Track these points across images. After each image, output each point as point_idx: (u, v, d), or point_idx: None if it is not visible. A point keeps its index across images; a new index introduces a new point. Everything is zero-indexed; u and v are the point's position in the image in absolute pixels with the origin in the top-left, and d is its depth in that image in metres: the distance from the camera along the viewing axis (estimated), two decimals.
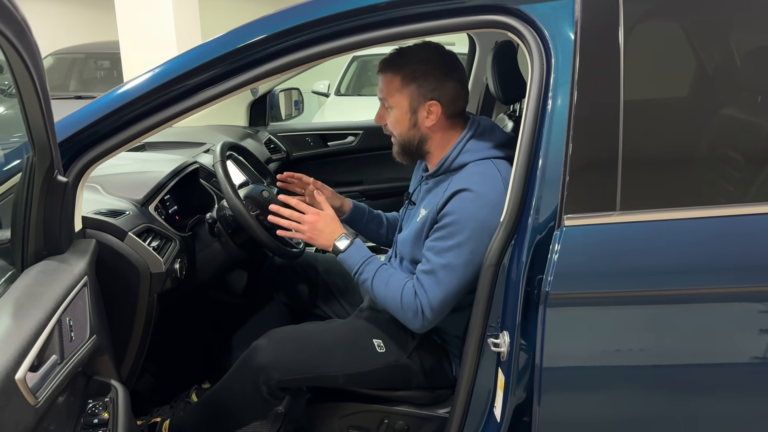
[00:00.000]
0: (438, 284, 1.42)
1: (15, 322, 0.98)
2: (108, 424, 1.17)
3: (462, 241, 1.40)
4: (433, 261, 1.43)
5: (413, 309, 1.45)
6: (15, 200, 1.19)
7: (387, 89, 1.52)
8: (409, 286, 1.47)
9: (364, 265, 1.53)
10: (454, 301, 1.45)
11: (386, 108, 1.55)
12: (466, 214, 1.41)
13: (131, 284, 1.53)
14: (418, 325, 1.46)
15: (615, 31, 1.18)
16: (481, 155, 1.48)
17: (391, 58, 1.53)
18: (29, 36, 0.94)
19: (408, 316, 1.46)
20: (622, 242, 1.19)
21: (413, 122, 1.52)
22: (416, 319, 1.46)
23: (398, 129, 1.54)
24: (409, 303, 1.46)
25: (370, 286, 1.52)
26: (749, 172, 1.23)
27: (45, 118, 1.06)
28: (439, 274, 1.42)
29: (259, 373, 1.53)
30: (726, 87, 1.30)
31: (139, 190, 1.73)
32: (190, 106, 1.32)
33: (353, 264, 1.53)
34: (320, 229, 1.56)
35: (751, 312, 1.19)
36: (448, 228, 1.42)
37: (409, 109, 1.51)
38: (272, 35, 1.28)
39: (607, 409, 1.27)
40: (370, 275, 1.51)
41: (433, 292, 1.43)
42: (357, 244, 1.55)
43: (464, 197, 1.42)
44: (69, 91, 6.81)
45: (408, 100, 1.50)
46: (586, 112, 1.18)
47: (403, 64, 1.49)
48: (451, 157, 1.51)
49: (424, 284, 1.44)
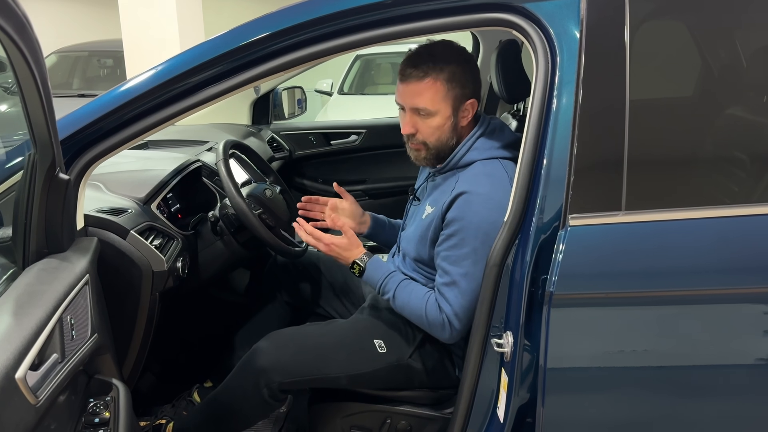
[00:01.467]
0: (461, 294, 1.42)
1: (16, 321, 0.97)
2: (109, 423, 1.17)
3: (477, 247, 1.39)
4: (452, 272, 1.43)
5: (440, 323, 1.45)
6: (16, 198, 1.18)
7: (426, 96, 1.44)
8: (432, 300, 1.47)
9: (385, 283, 1.53)
10: (471, 314, 1.43)
11: (422, 116, 1.47)
12: (477, 219, 1.40)
13: (133, 283, 1.52)
14: (447, 336, 1.46)
15: (621, 29, 1.17)
16: (489, 154, 1.47)
17: (423, 62, 1.44)
18: (30, 32, 0.93)
19: (436, 329, 1.47)
20: (627, 242, 1.18)
21: (453, 125, 1.48)
22: (444, 331, 1.46)
23: (437, 135, 1.48)
24: (435, 317, 1.45)
25: (393, 303, 1.53)
26: (756, 172, 1.23)
27: (46, 115, 1.06)
28: (461, 284, 1.42)
29: (260, 376, 1.52)
30: (732, 86, 1.29)
31: (142, 188, 1.73)
32: (193, 103, 1.31)
33: (373, 282, 1.55)
34: (342, 248, 1.56)
35: (758, 314, 1.18)
36: (459, 235, 1.42)
37: (451, 113, 1.47)
38: (275, 33, 1.28)
39: (611, 411, 1.26)
40: (393, 293, 1.52)
41: (457, 302, 1.43)
42: (374, 262, 1.56)
43: (472, 201, 1.41)
44: (72, 89, 6.81)
45: (452, 104, 1.46)
46: (591, 111, 1.17)
47: (443, 67, 1.44)
48: (459, 154, 1.50)
49: (447, 296, 1.44)
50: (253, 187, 1.89)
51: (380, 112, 3.78)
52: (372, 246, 2.49)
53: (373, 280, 1.55)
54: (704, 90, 1.30)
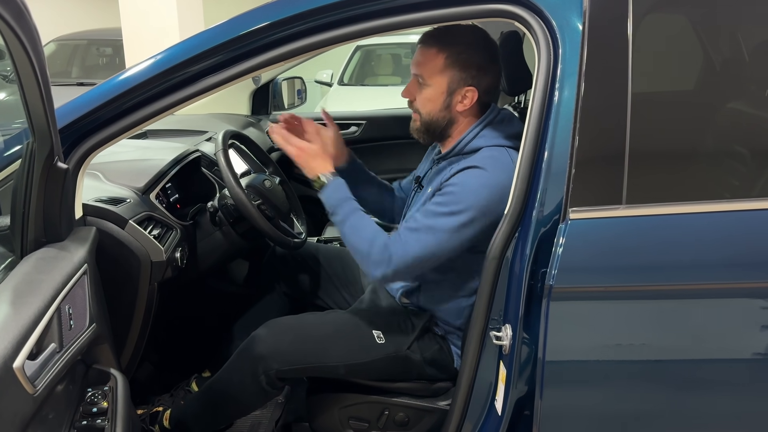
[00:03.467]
0: (417, 242, 1.40)
1: (13, 310, 0.97)
2: (107, 412, 1.17)
3: (455, 211, 1.39)
4: (420, 221, 1.42)
5: (381, 256, 1.42)
6: (14, 187, 1.18)
7: (427, 66, 1.48)
8: (384, 237, 1.45)
9: (341, 204, 1.49)
10: (421, 267, 1.44)
11: (419, 84, 1.50)
12: (468, 188, 1.40)
13: (132, 273, 1.52)
14: (379, 273, 1.43)
15: (624, 21, 1.16)
16: (496, 142, 1.47)
17: (438, 33, 1.48)
18: (28, 19, 0.93)
19: (372, 260, 1.43)
20: (628, 236, 1.18)
21: (446, 104, 1.49)
22: (379, 267, 1.42)
23: (428, 108, 1.51)
24: (380, 249, 1.42)
25: (341, 227, 1.49)
26: (757, 167, 1.22)
27: (45, 104, 1.05)
28: (421, 233, 1.41)
29: (258, 363, 1.52)
30: (734, 80, 1.28)
31: (141, 177, 1.72)
32: (192, 93, 1.31)
33: (331, 202, 1.50)
34: (310, 155, 1.53)
35: (758, 308, 1.18)
36: (446, 196, 1.42)
37: (446, 91, 1.48)
38: (275, 22, 1.27)
39: (609, 404, 1.26)
40: (345, 216, 1.48)
41: (409, 247, 1.41)
42: (339, 183, 1.52)
43: (471, 173, 1.41)
44: (71, 77, 6.80)
45: (447, 82, 1.47)
46: (593, 103, 1.16)
47: (451, 43, 1.46)
48: (465, 140, 1.50)
49: (402, 237, 1.42)
50: (252, 178, 1.88)
51: (380, 103, 3.78)
52: None
53: (330, 198, 1.50)
54: (706, 84, 1.29)
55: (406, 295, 1.65)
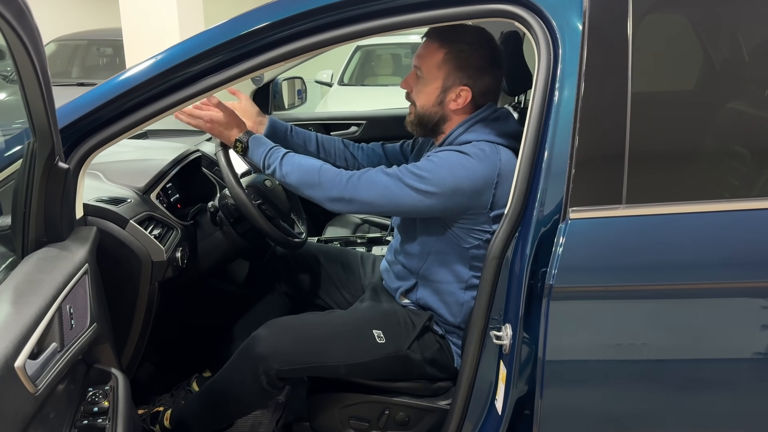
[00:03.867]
0: (378, 178, 1.44)
1: (15, 310, 0.97)
2: (108, 412, 1.17)
3: (425, 177, 1.41)
4: (392, 171, 1.45)
5: (335, 178, 1.45)
6: (15, 186, 1.18)
7: (426, 59, 1.50)
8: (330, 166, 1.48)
9: (269, 155, 1.52)
10: (371, 205, 1.46)
11: (417, 76, 1.53)
12: (446, 162, 1.43)
13: (132, 272, 1.52)
14: (335, 193, 1.46)
15: (624, 21, 1.16)
16: (487, 137, 1.48)
17: (444, 29, 1.50)
18: (30, 19, 0.93)
19: (325, 183, 1.46)
20: (628, 236, 1.18)
21: (440, 100, 1.51)
22: (333, 188, 1.45)
23: (422, 100, 1.53)
24: (332, 173, 1.46)
25: (280, 172, 1.51)
26: (756, 167, 1.22)
27: (46, 104, 1.05)
28: (387, 176, 1.44)
29: (259, 363, 1.52)
30: (734, 80, 1.28)
31: (141, 177, 1.72)
32: (193, 93, 1.31)
33: (258, 157, 1.54)
34: (222, 125, 1.59)
35: (758, 308, 1.19)
36: (424, 162, 1.45)
37: (440, 87, 1.50)
38: (276, 22, 1.27)
39: (609, 403, 1.26)
40: (277, 161, 1.51)
41: (369, 178, 1.44)
42: (258, 138, 1.56)
43: (455, 153, 1.44)
44: (71, 77, 6.80)
45: (443, 78, 1.49)
46: (593, 103, 1.16)
47: (453, 41, 1.48)
48: (456, 133, 1.51)
49: (369, 172, 1.46)
50: (252, 178, 1.88)
51: (380, 103, 3.77)
52: (370, 238, 2.50)
53: (256, 154, 1.54)
54: (706, 84, 1.30)
55: (405, 294, 1.65)
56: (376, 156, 1.85)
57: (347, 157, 1.84)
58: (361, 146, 1.86)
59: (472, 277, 1.54)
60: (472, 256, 1.52)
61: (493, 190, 1.43)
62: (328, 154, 1.83)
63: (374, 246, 2.44)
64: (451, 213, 1.46)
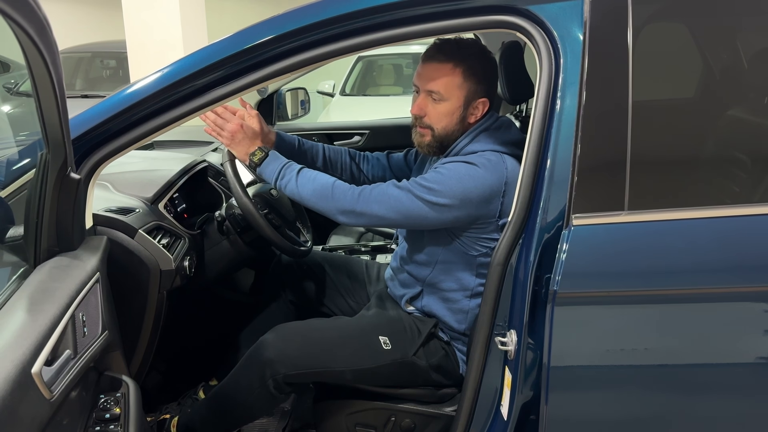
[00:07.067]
0: (389, 191, 1.45)
1: (30, 317, 0.99)
2: (119, 419, 1.18)
3: (435, 189, 1.43)
4: (403, 184, 1.46)
5: (347, 192, 1.47)
6: (28, 197, 1.20)
7: (443, 81, 1.49)
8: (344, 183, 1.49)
9: (284, 169, 1.54)
10: (381, 219, 1.47)
11: (434, 100, 1.51)
12: (455, 174, 1.44)
13: (141, 281, 1.54)
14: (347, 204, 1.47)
15: (624, 31, 1.18)
16: (491, 147, 1.50)
17: (448, 48, 1.49)
18: (49, 33, 0.95)
19: (337, 195, 1.47)
20: (630, 242, 1.19)
21: (462, 117, 1.52)
22: (344, 199, 1.47)
23: (444, 122, 1.52)
24: (344, 192, 1.47)
25: (295, 186, 1.52)
26: (757, 173, 1.24)
27: (60, 116, 1.07)
28: (399, 190, 1.45)
29: (266, 368, 1.54)
30: (734, 88, 1.30)
31: (149, 188, 1.74)
32: (199, 105, 1.33)
33: (272, 172, 1.55)
34: (239, 139, 1.60)
35: (761, 312, 1.20)
36: (433, 174, 1.46)
37: (462, 104, 1.50)
38: (280, 35, 1.29)
39: (614, 409, 1.27)
40: (293, 175, 1.53)
41: (382, 192, 1.46)
42: (273, 154, 1.58)
43: (463, 164, 1.46)
44: (75, 89, 6.82)
45: (465, 95, 1.50)
46: (594, 112, 1.18)
47: (465, 57, 1.48)
48: (461, 144, 1.52)
49: (380, 186, 1.47)
50: (258, 187, 1.90)
51: (382, 113, 3.78)
52: (374, 247, 2.51)
53: (270, 168, 1.56)
54: (706, 91, 1.31)
55: (411, 301, 1.67)
56: (381, 167, 1.87)
57: (353, 170, 1.86)
58: (367, 157, 1.88)
59: (478, 285, 1.55)
60: (479, 264, 1.54)
61: (501, 199, 1.45)
62: (334, 168, 1.85)
63: (378, 254, 2.45)
64: (461, 223, 1.48)
